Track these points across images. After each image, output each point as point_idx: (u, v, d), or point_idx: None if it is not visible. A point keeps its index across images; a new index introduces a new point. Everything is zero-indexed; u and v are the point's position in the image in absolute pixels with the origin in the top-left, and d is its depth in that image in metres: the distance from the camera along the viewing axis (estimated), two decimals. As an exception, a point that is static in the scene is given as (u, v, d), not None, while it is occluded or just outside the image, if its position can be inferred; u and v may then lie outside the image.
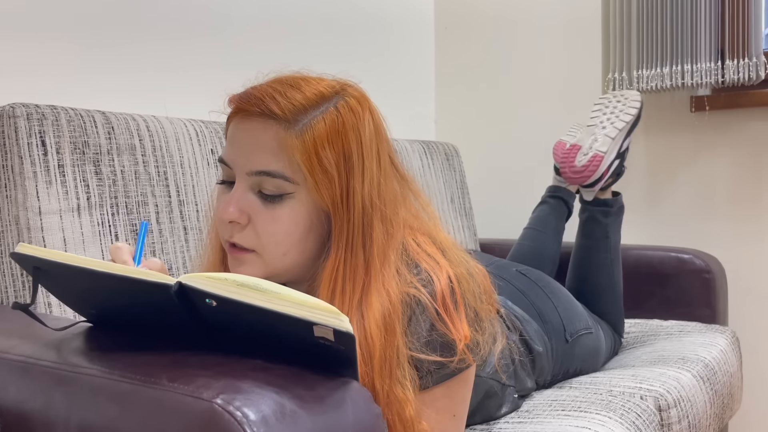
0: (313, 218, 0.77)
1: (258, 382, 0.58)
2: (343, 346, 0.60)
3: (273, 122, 0.75)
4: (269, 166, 0.75)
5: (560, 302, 1.28)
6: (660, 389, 1.15)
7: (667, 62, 1.79)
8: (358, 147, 0.76)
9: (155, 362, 0.63)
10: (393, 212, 0.79)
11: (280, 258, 0.78)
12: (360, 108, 0.78)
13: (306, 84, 0.76)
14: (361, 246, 0.76)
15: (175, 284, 0.62)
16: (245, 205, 0.77)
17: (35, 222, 1.01)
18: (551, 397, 1.12)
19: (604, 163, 1.52)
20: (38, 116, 1.04)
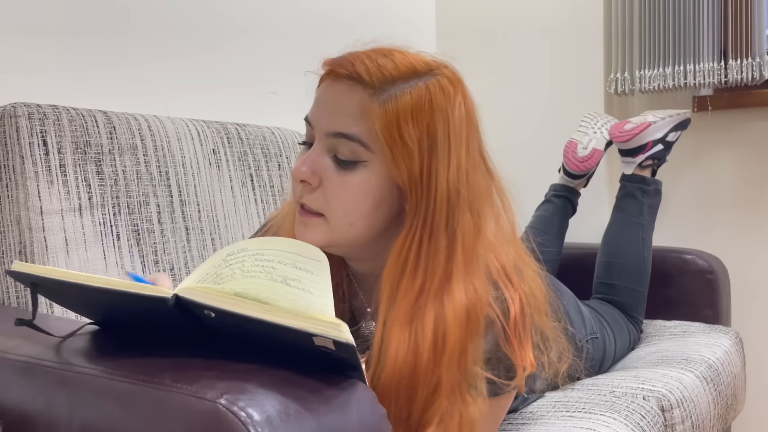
0: (385, 192, 0.75)
1: (262, 383, 0.57)
2: (345, 355, 0.60)
3: (360, 87, 0.74)
4: (348, 129, 0.74)
5: (569, 308, 1.27)
6: (663, 390, 1.14)
7: (670, 62, 1.79)
8: (445, 128, 0.74)
9: (158, 363, 0.62)
10: (482, 205, 0.77)
11: (346, 227, 0.76)
12: (452, 90, 0.76)
13: (400, 55, 0.76)
14: (444, 231, 0.74)
15: (172, 297, 0.61)
16: (318, 167, 0.76)
17: (37, 222, 1.00)
18: (555, 398, 1.12)
19: (650, 131, 1.61)
20: (40, 116, 1.03)
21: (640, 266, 1.51)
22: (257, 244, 0.65)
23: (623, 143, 1.64)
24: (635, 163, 1.62)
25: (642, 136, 1.61)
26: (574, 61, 1.99)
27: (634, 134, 1.61)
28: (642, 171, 1.63)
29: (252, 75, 1.62)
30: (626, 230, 1.55)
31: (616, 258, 1.53)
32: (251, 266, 0.65)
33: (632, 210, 1.57)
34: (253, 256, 0.65)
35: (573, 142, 1.72)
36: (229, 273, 0.65)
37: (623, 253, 1.53)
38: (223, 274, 0.66)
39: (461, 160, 0.75)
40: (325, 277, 0.63)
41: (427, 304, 0.73)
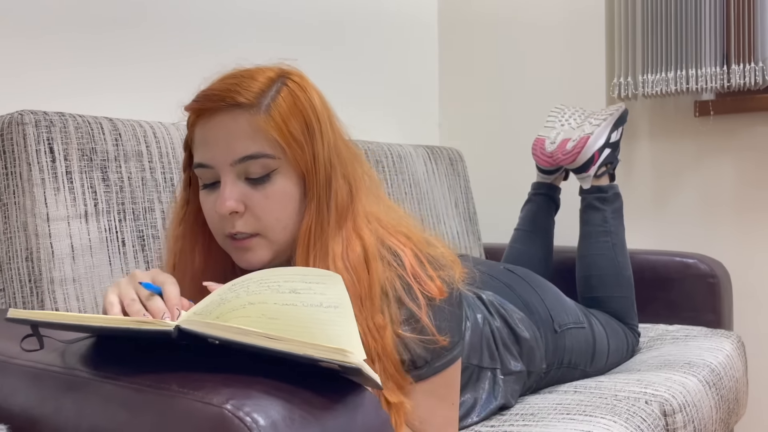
0: (299, 187, 0.83)
1: (267, 388, 0.58)
2: (351, 376, 0.61)
3: (240, 110, 0.80)
4: (250, 150, 0.80)
5: (547, 296, 1.30)
6: (665, 394, 1.15)
7: (672, 67, 1.80)
8: (314, 115, 0.83)
9: (165, 369, 0.63)
10: (352, 169, 0.86)
11: (282, 232, 0.83)
12: (304, 83, 0.85)
13: (255, 73, 0.83)
14: (326, 203, 0.82)
15: (174, 330, 0.61)
16: (238, 194, 0.81)
17: (43, 228, 1.02)
18: (556, 401, 1.13)
19: (590, 143, 1.60)
20: (46, 123, 1.05)
21: (617, 273, 1.52)
22: (261, 274, 0.67)
23: (570, 164, 1.63)
24: (590, 176, 1.61)
25: (585, 151, 1.60)
26: (576, 66, 2.00)
27: (576, 153, 1.60)
28: (599, 180, 1.62)
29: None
30: (594, 241, 1.56)
31: (592, 271, 1.54)
32: (256, 288, 0.66)
33: (596, 220, 1.57)
34: (258, 282, 0.67)
35: (540, 139, 1.71)
36: (233, 296, 0.66)
37: (597, 265, 1.54)
38: (227, 298, 0.67)
39: (330, 136, 0.84)
40: (340, 285, 0.64)
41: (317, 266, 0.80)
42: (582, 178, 1.63)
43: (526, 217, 1.72)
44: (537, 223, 1.69)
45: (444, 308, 0.86)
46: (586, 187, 1.62)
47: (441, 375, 0.87)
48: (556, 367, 1.25)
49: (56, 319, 0.65)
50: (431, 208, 1.78)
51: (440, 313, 0.85)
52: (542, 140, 1.71)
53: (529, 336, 1.17)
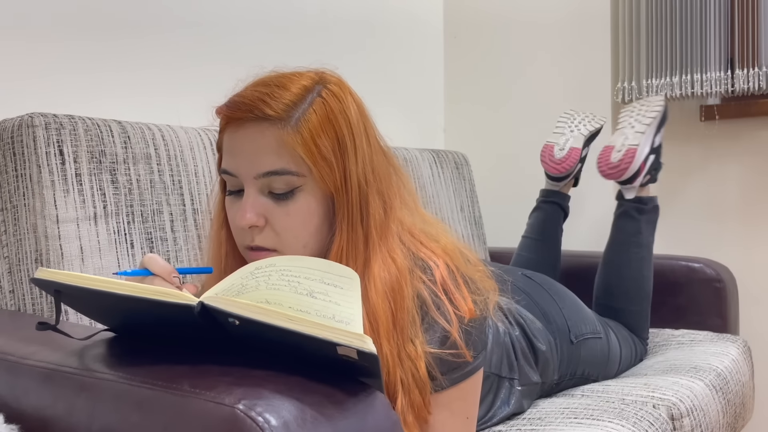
0: (324, 207, 0.80)
1: (279, 388, 0.58)
2: (367, 364, 0.61)
3: (268, 124, 0.77)
4: (274, 166, 0.77)
5: (565, 304, 1.29)
6: (673, 398, 1.15)
7: (677, 71, 1.80)
8: (348, 129, 0.79)
9: (176, 368, 0.63)
10: (387, 185, 0.83)
11: (301, 250, 0.80)
12: (342, 92, 0.81)
13: (289, 81, 0.79)
14: (360, 222, 0.79)
15: (198, 305, 0.63)
16: (260, 207, 0.79)
17: (53, 230, 1.02)
18: (563, 405, 1.13)
19: (638, 155, 1.56)
20: (56, 126, 1.05)
21: (639, 287, 1.51)
22: (286, 261, 0.68)
23: (618, 179, 1.59)
24: (635, 187, 1.59)
25: (633, 165, 1.55)
26: (581, 70, 2.01)
27: (624, 168, 1.55)
28: (642, 190, 1.60)
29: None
30: (625, 251, 1.54)
31: (615, 280, 1.52)
32: (277, 280, 0.67)
33: (630, 230, 1.55)
34: (280, 271, 0.67)
35: (549, 145, 1.70)
36: (254, 284, 0.67)
37: (622, 275, 1.52)
38: (248, 285, 0.67)
39: (365, 152, 0.80)
40: (356, 291, 0.65)
41: None
42: (627, 189, 1.60)
43: (534, 225, 1.71)
44: (546, 231, 1.68)
45: (471, 330, 0.83)
46: (630, 198, 1.59)
47: (457, 388, 0.84)
48: (568, 378, 1.25)
49: (81, 282, 0.65)
50: (437, 211, 1.78)
51: (467, 333, 0.82)
52: (551, 146, 1.69)
53: (545, 348, 1.16)
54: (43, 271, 0.67)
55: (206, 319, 0.64)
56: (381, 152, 0.84)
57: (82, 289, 0.66)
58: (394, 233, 0.82)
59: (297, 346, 0.63)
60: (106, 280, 0.65)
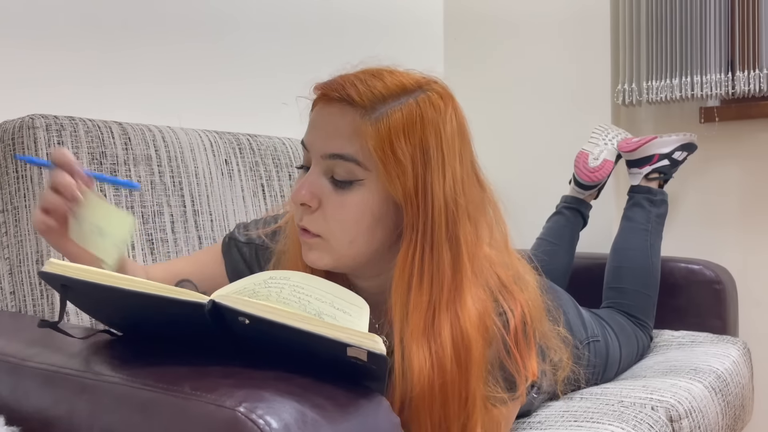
0: (383, 209, 0.76)
1: (279, 391, 0.58)
2: (375, 366, 0.61)
3: (351, 108, 0.75)
4: (342, 150, 0.75)
5: (569, 311, 1.29)
6: (671, 400, 1.15)
7: (677, 73, 1.81)
8: (437, 142, 0.75)
9: (178, 370, 0.63)
10: (479, 214, 0.79)
11: (347, 245, 0.77)
12: (443, 104, 0.78)
13: (389, 75, 0.78)
14: (446, 241, 0.75)
15: (209, 303, 0.63)
16: (317, 188, 0.77)
17: (54, 231, 1.02)
18: (563, 408, 1.13)
19: (656, 143, 1.65)
20: (57, 127, 1.05)
21: (648, 271, 1.54)
22: (300, 278, 0.68)
23: (629, 153, 1.67)
24: (641, 174, 1.66)
25: (647, 146, 1.65)
26: (581, 72, 2.01)
27: (640, 144, 1.66)
28: (649, 183, 1.66)
29: (264, 85, 1.64)
30: (634, 236, 1.58)
31: (624, 262, 1.56)
32: (288, 294, 0.67)
33: (640, 218, 1.60)
34: (293, 286, 0.67)
35: (584, 153, 1.74)
36: (265, 293, 0.67)
37: (631, 258, 1.56)
38: (259, 292, 0.68)
39: (456, 172, 0.76)
40: (363, 320, 0.65)
41: (440, 316, 0.74)
42: (633, 174, 1.68)
43: (553, 228, 1.71)
44: (564, 237, 1.69)
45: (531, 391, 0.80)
46: (635, 184, 1.66)
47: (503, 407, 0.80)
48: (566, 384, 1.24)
49: (90, 277, 0.65)
50: (437, 213, 1.78)
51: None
52: (586, 154, 1.74)
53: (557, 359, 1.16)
54: (53, 264, 0.66)
55: (215, 319, 0.64)
56: (475, 180, 0.81)
57: (90, 284, 0.65)
58: (483, 266, 0.78)
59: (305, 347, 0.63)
60: (115, 276, 0.65)
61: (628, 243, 1.58)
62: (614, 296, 1.51)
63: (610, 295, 1.53)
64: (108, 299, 0.69)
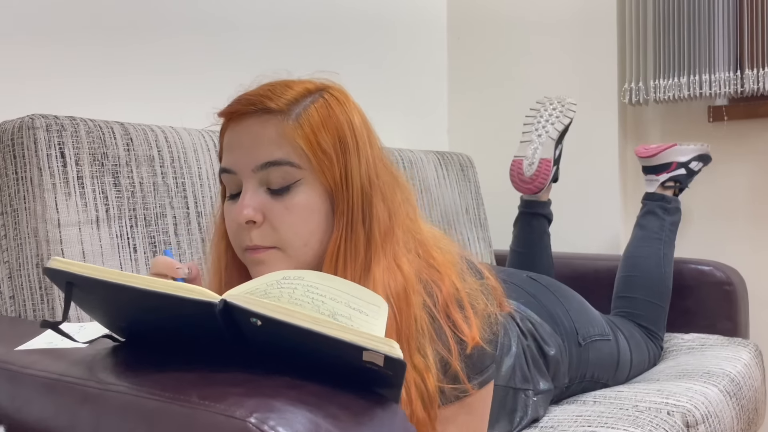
0: (324, 204, 0.78)
1: (291, 400, 0.56)
2: (391, 372, 0.59)
3: (269, 116, 0.77)
4: (274, 155, 0.76)
5: (571, 306, 1.27)
6: (687, 404, 1.13)
7: (685, 72, 1.78)
8: (351, 130, 0.79)
9: (184, 378, 0.61)
10: (392, 192, 0.81)
11: (302, 249, 0.78)
12: (345, 100, 0.81)
13: (293, 83, 0.80)
14: (361, 223, 0.77)
15: (220, 302, 0.61)
16: (257, 203, 0.77)
17: (54, 234, 1.00)
18: (576, 413, 1.10)
19: (677, 150, 1.63)
20: (57, 127, 1.03)
21: (660, 281, 1.51)
22: (315, 277, 0.66)
23: (647, 159, 1.64)
24: (658, 181, 1.63)
25: (666, 153, 1.62)
26: (587, 71, 1.98)
27: (659, 151, 1.63)
28: (664, 190, 1.64)
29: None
30: (647, 245, 1.56)
31: (636, 272, 1.53)
32: (301, 295, 0.64)
33: (653, 227, 1.58)
34: (307, 286, 0.65)
35: (517, 161, 1.60)
36: (276, 294, 0.65)
37: (643, 267, 1.53)
38: (270, 293, 0.65)
39: (368, 155, 0.80)
40: (381, 320, 0.62)
41: None
42: (649, 180, 1.64)
43: (519, 237, 1.70)
44: (532, 241, 1.67)
45: (474, 355, 0.80)
46: (651, 191, 1.63)
47: (462, 402, 0.81)
48: (578, 382, 1.23)
49: (97, 274, 0.63)
50: (442, 214, 1.76)
51: (470, 360, 0.80)
52: (519, 162, 1.60)
53: (555, 352, 1.14)
54: (57, 261, 0.64)
55: (226, 319, 0.61)
56: (384, 163, 0.83)
57: (96, 281, 0.63)
58: (400, 240, 0.80)
59: (318, 351, 0.61)
60: (123, 274, 0.63)
61: (641, 252, 1.56)
62: (624, 305, 1.48)
63: (620, 305, 1.50)
64: (114, 298, 0.66)
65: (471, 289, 0.82)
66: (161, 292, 0.61)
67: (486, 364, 0.83)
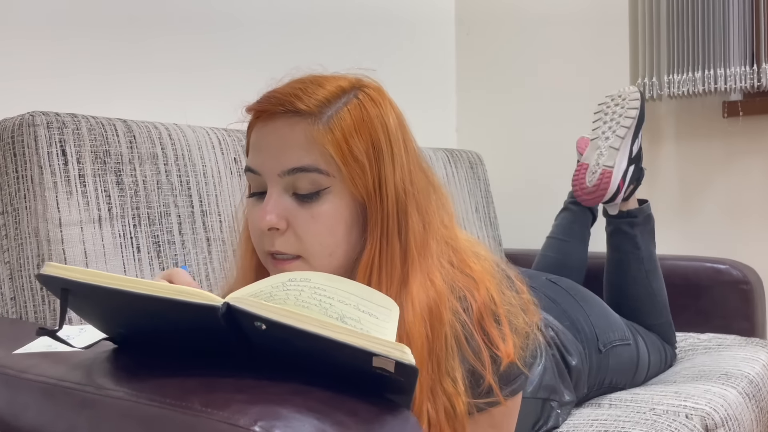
0: (353, 213, 0.74)
1: (297, 407, 0.53)
2: (403, 378, 0.56)
3: (299, 118, 0.72)
4: (301, 161, 0.72)
5: (593, 311, 1.23)
6: (706, 407, 1.09)
7: (699, 66, 1.75)
8: (385, 135, 0.74)
9: (186, 384, 0.58)
10: (426, 200, 0.77)
11: (327, 259, 0.74)
12: (381, 99, 0.76)
13: (325, 80, 0.75)
14: (397, 235, 0.73)
15: (223, 306, 0.58)
16: (282, 209, 0.73)
17: (55, 234, 0.97)
18: (591, 417, 1.07)
19: (614, 176, 1.45)
20: (59, 125, 1.00)
21: (652, 301, 1.43)
22: (322, 279, 0.63)
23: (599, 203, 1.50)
24: (617, 204, 1.49)
25: (610, 187, 1.44)
26: (599, 66, 1.95)
27: (602, 192, 1.45)
28: (628, 204, 1.50)
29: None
30: (626, 270, 1.45)
31: (624, 300, 1.43)
32: (308, 297, 0.62)
33: (627, 246, 1.46)
34: (314, 288, 0.62)
35: (582, 166, 1.51)
36: (282, 296, 0.62)
37: (630, 295, 1.44)
38: (276, 295, 0.62)
39: (404, 161, 0.75)
40: (392, 323, 0.60)
41: None
42: (609, 206, 1.51)
43: (561, 225, 1.64)
44: (573, 232, 1.61)
45: (510, 373, 0.76)
46: (613, 213, 1.50)
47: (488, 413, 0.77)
48: (596, 389, 1.19)
49: (93, 280, 0.59)
50: (452, 212, 1.73)
51: (506, 377, 0.76)
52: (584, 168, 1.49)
53: (577, 362, 1.11)
54: (52, 266, 0.61)
55: (230, 323, 0.59)
56: (420, 167, 0.79)
57: (92, 287, 0.60)
58: (434, 252, 0.75)
59: (326, 356, 0.58)
60: (121, 278, 0.60)
61: (622, 278, 1.45)
62: None
63: None
64: (112, 304, 0.64)
65: (510, 303, 0.78)
66: (162, 296, 0.58)
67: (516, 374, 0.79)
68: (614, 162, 1.46)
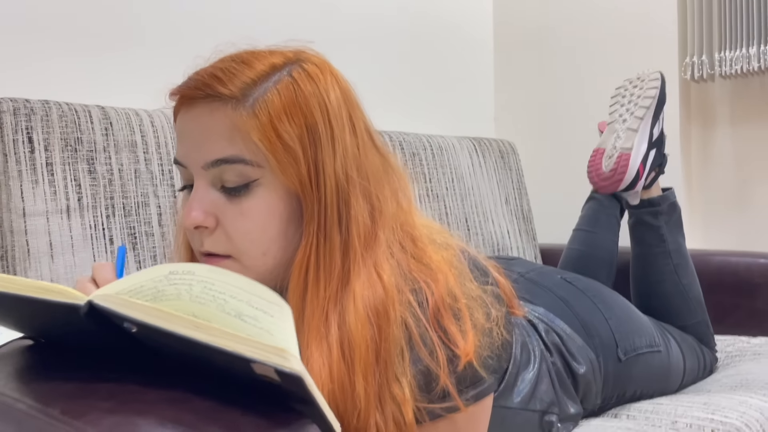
0: (288, 207, 0.66)
1: (161, 419, 0.46)
2: (292, 387, 0.48)
3: (219, 103, 0.65)
4: (224, 152, 0.65)
5: (613, 314, 1.09)
6: (737, 422, 0.95)
7: (754, 41, 1.59)
8: (324, 115, 0.66)
9: (61, 387, 0.52)
10: (378, 186, 0.69)
11: (260, 258, 0.67)
12: (320, 73, 0.67)
13: (255, 58, 0.67)
14: (337, 227, 0.66)
15: (85, 305, 0.51)
16: (209, 205, 0.66)
17: (18, 224, 0.94)
18: (601, 428, 0.95)
19: (633, 160, 1.31)
20: (26, 111, 0.97)
21: (684, 299, 1.29)
22: (206, 272, 0.55)
23: (616, 191, 1.37)
24: (638, 192, 1.35)
25: (628, 171, 1.32)
26: (644, 45, 1.79)
27: (619, 177, 1.32)
28: (650, 191, 1.36)
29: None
30: (652, 264, 1.32)
31: (655, 301, 1.29)
32: (200, 292, 0.54)
33: (652, 239, 1.33)
34: (202, 283, 0.55)
35: (598, 152, 1.39)
36: (173, 292, 0.55)
37: (658, 293, 1.30)
38: (166, 291, 0.55)
39: (347, 144, 0.67)
40: (288, 323, 0.52)
41: (330, 313, 0.63)
42: (629, 195, 1.38)
43: (587, 216, 1.51)
44: (599, 220, 1.47)
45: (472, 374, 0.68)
46: (635, 203, 1.37)
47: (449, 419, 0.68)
48: (615, 401, 1.06)
49: None
50: (477, 205, 1.62)
51: (465, 378, 0.68)
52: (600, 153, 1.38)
53: (585, 369, 0.98)
54: None
55: (99, 323, 0.52)
56: (372, 147, 0.71)
57: None
58: (383, 244, 0.68)
59: (209, 362, 0.50)
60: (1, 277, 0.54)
61: (649, 275, 1.32)
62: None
63: None
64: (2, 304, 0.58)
65: (469, 297, 0.69)
66: (25, 295, 0.52)
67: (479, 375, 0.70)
68: (632, 144, 1.33)
